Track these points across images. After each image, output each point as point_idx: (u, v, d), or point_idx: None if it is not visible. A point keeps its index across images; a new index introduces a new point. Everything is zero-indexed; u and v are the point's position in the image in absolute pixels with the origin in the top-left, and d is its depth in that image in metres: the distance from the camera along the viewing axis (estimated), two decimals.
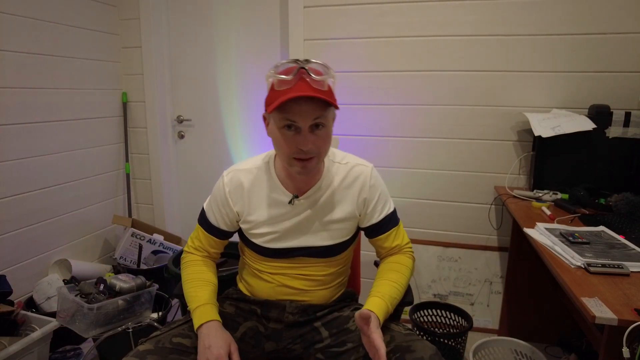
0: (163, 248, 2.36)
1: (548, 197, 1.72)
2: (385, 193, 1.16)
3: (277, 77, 0.96)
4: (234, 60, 2.39)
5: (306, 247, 1.11)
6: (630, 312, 0.87)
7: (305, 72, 0.95)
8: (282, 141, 0.98)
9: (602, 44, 1.80)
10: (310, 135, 0.96)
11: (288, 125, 0.96)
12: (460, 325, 1.97)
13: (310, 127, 0.96)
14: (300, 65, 0.96)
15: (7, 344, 1.50)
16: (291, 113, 0.94)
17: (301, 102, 0.93)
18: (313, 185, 1.10)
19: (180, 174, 2.64)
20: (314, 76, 0.94)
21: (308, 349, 1.11)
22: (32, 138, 1.95)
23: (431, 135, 2.07)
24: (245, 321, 1.13)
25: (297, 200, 1.09)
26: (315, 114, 0.94)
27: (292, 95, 0.91)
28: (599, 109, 1.73)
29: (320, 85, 0.95)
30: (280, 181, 1.10)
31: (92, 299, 1.60)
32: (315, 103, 0.94)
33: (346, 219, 1.12)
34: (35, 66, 1.94)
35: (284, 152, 1.00)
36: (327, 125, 0.98)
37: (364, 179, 1.12)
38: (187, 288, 1.10)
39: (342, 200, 1.11)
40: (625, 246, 1.21)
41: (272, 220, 1.10)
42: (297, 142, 0.96)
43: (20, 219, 1.92)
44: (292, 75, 0.94)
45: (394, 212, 1.17)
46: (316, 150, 0.98)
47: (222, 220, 1.14)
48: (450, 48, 1.97)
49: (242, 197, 1.12)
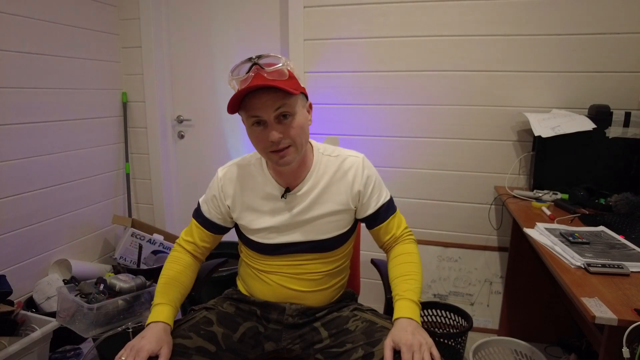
0: (163, 248, 2.36)
1: (548, 197, 1.72)
2: (379, 182, 1.15)
3: (235, 78, 0.99)
4: (234, 60, 2.37)
5: (302, 242, 1.11)
6: (630, 312, 0.88)
7: (258, 67, 0.97)
8: (254, 139, 1.01)
9: (602, 44, 1.80)
10: (278, 126, 0.97)
11: (256, 122, 0.98)
12: (460, 325, 1.97)
13: (277, 118, 0.97)
14: (253, 61, 0.98)
15: (7, 344, 1.50)
16: (253, 109, 0.96)
17: (260, 96, 0.95)
18: (303, 178, 1.11)
19: (180, 174, 2.64)
20: (268, 68, 0.96)
21: (307, 349, 1.11)
22: (32, 138, 1.95)
23: (431, 135, 2.07)
24: (245, 321, 1.13)
25: (289, 194, 1.10)
26: (276, 104, 0.96)
27: (245, 90, 0.93)
28: (599, 109, 1.73)
29: (277, 75, 0.96)
30: (272, 176, 1.12)
31: (92, 299, 1.60)
32: (275, 93, 0.95)
33: (340, 212, 1.12)
34: (35, 66, 1.94)
35: (259, 148, 1.02)
36: (293, 113, 0.99)
37: (355, 169, 1.12)
38: (158, 283, 1.10)
39: (336, 192, 1.11)
40: (625, 246, 1.21)
41: (265, 215, 1.11)
42: (267, 135, 0.98)
43: (20, 219, 1.92)
44: (247, 72, 0.97)
45: (391, 200, 1.17)
46: (288, 140, 0.99)
47: (215, 214, 1.16)
48: (450, 48, 1.97)
49: (235, 191, 1.13)
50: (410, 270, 1.09)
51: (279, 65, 0.97)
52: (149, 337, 0.95)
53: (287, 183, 1.11)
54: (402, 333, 0.93)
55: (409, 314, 0.98)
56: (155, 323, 0.99)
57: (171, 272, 1.12)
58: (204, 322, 1.07)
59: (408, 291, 1.03)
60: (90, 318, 1.53)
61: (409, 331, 0.93)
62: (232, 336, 1.07)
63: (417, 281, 1.06)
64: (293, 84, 0.99)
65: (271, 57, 0.99)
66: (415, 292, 1.04)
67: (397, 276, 1.09)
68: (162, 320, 1.00)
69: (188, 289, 1.14)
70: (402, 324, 0.96)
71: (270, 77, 0.96)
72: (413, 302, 1.01)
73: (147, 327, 0.99)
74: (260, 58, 0.98)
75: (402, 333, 0.93)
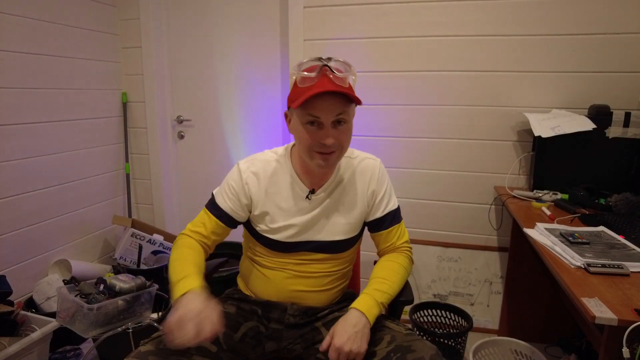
0: (163, 248, 2.36)
1: (548, 197, 1.72)
2: (391, 188, 1.19)
3: (300, 75, 0.99)
4: (234, 61, 2.39)
5: (314, 241, 1.12)
6: (630, 312, 0.87)
7: (327, 69, 0.98)
8: (305, 135, 1.00)
9: (602, 44, 1.80)
10: (333, 131, 0.99)
11: (311, 121, 0.99)
12: (460, 325, 1.97)
13: (333, 123, 0.99)
14: (323, 62, 0.99)
15: (7, 344, 1.50)
16: (314, 109, 0.97)
17: (324, 98, 0.96)
18: (327, 180, 1.13)
19: (180, 174, 2.64)
20: (337, 73, 0.97)
21: (308, 349, 1.11)
22: (32, 138, 1.95)
23: (431, 135, 2.07)
24: (246, 321, 1.13)
25: (313, 195, 1.11)
26: (338, 110, 0.98)
27: (315, 91, 0.94)
28: (599, 109, 1.73)
29: (342, 82, 0.98)
30: (297, 175, 1.12)
31: (92, 299, 1.60)
32: (338, 99, 0.97)
33: (357, 214, 1.14)
34: (35, 66, 1.94)
35: (306, 145, 1.01)
36: (348, 121, 1.02)
37: (372, 171, 1.15)
38: (171, 265, 1.02)
39: (354, 193, 1.14)
40: (625, 246, 1.21)
41: (287, 214, 1.12)
42: (320, 137, 0.99)
43: (20, 219, 1.92)
44: (316, 73, 0.98)
45: (398, 210, 1.19)
46: (338, 145, 1.01)
47: (230, 206, 1.12)
48: (450, 48, 1.97)
49: (259, 186, 1.12)
50: (389, 276, 1.09)
51: (346, 73, 0.99)
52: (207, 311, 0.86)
53: (311, 183, 1.12)
54: (342, 332, 0.96)
55: (365, 308, 1.00)
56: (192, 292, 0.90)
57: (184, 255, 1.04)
58: None
59: (377, 291, 1.05)
60: (90, 318, 1.53)
61: (348, 332, 0.95)
62: (233, 336, 1.07)
63: (391, 287, 1.07)
64: (354, 94, 1.00)
65: (340, 63, 1.01)
66: (383, 295, 1.04)
67: (375, 277, 1.10)
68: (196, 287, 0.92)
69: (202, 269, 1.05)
70: (350, 318, 0.98)
71: (337, 82, 0.97)
72: (376, 301, 1.02)
73: (182, 297, 0.89)
74: (330, 61, 1.00)
75: (342, 332, 0.96)
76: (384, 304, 1.04)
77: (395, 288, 1.08)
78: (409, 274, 1.15)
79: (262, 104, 2.39)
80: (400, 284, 1.10)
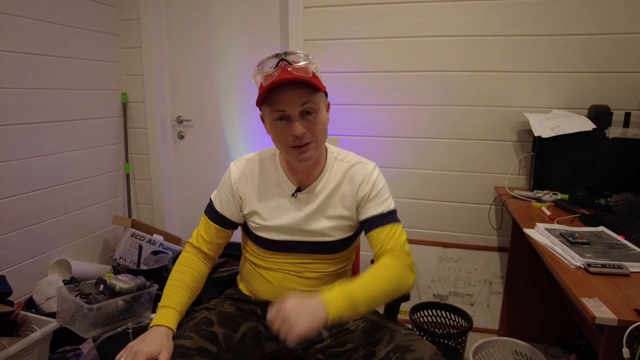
0: (163, 248, 2.36)
1: (548, 198, 1.72)
2: (384, 191, 1.13)
3: (260, 73, 1.00)
4: (234, 61, 2.39)
5: (306, 242, 1.12)
6: (630, 313, 0.88)
7: (286, 63, 0.98)
8: (277, 133, 1.01)
9: (602, 44, 1.80)
10: (302, 122, 0.99)
11: (280, 117, 0.99)
12: (460, 325, 1.97)
13: (301, 114, 0.99)
14: (280, 57, 0.99)
15: (7, 345, 1.50)
16: (278, 103, 0.98)
17: (286, 91, 0.96)
18: (315, 179, 1.11)
19: (180, 175, 2.64)
20: (294, 64, 0.98)
21: (308, 349, 1.11)
22: (32, 138, 1.95)
23: (431, 136, 2.07)
24: (245, 321, 1.13)
25: (299, 193, 1.11)
26: (301, 99, 0.97)
27: (274, 83, 0.95)
28: (598, 109, 1.73)
29: (303, 72, 0.98)
30: (285, 173, 1.12)
31: (92, 299, 1.60)
32: (300, 89, 0.97)
33: (345, 217, 1.12)
34: (35, 66, 1.94)
35: (281, 143, 1.03)
36: (317, 110, 1.01)
37: (364, 176, 1.12)
38: (167, 284, 1.10)
39: (343, 196, 1.12)
40: (625, 246, 1.21)
41: (274, 212, 1.12)
42: (290, 130, 0.99)
43: (20, 219, 1.92)
44: (274, 68, 0.98)
45: (393, 212, 1.12)
46: (311, 136, 1.00)
47: (227, 208, 1.16)
48: (450, 48, 1.97)
49: (247, 185, 1.14)
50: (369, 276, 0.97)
51: (305, 62, 0.99)
52: (150, 340, 0.95)
53: (299, 181, 1.12)
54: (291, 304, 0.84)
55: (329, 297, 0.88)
56: (158, 326, 0.99)
57: (181, 274, 1.12)
58: (204, 323, 1.07)
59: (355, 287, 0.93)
60: (90, 318, 1.53)
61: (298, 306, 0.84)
62: (232, 336, 1.07)
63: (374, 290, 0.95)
64: (319, 81, 1.01)
65: (298, 55, 1.01)
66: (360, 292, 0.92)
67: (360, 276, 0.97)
68: (165, 325, 1.00)
69: (196, 292, 1.13)
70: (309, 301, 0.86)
71: (297, 73, 0.97)
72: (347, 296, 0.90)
73: (149, 329, 0.99)
74: (287, 54, 1.00)
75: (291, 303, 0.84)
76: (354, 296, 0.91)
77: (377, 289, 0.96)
78: (402, 279, 1.01)
79: None
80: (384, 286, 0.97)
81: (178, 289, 1.09)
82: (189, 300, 1.10)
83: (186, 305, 1.09)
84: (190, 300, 1.11)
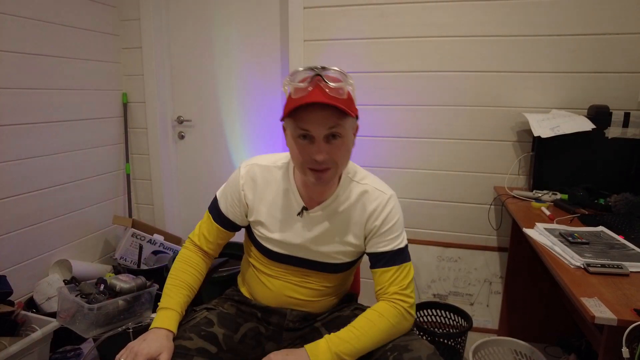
0: (163, 248, 2.36)
1: (547, 198, 1.72)
2: (397, 226, 1.06)
3: (292, 85, 0.93)
4: (234, 61, 2.39)
5: (310, 261, 1.10)
6: (630, 312, 0.88)
7: (320, 79, 0.91)
8: (296, 150, 0.95)
9: (602, 44, 1.80)
10: (325, 145, 0.93)
11: (303, 135, 0.93)
12: (460, 325, 1.97)
13: (326, 137, 0.92)
14: (316, 72, 0.92)
15: (8, 344, 1.50)
16: (305, 122, 0.91)
17: (315, 111, 0.90)
18: (327, 198, 1.06)
19: (180, 175, 2.64)
20: (330, 83, 0.91)
21: None
22: (32, 138, 1.95)
23: (431, 136, 2.07)
24: (245, 322, 1.13)
25: (306, 212, 1.07)
26: (330, 123, 0.91)
27: (304, 101, 0.88)
28: (598, 110, 1.73)
29: (337, 93, 0.91)
30: (296, 187, 1.07)
31: (92, 299, 1.60)
32: (330, 111, 0.90)
33: (354, 244, 1.09)
34: (36, 67, 1.94)
35: (298, 161, 0.97)
36: (343, 135, 0.94)
37: (376, 205, 1.05)
38: (167, 283, 1.10)
39: (352, 222, 1.07)
40: (624, 246, 1.21)
41: (280, 225, 1.09)
42: (311, 152, 0.93)
43: (21, 219, 1.92)
44: (307, 83, 0.91)
45: (403, 250, 1.05)
46: (331, 161, 0.94)
47: (231, 211, 1.12)
48: (450, 48, 1.97)
49: (255, 192, 1.09)
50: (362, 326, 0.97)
51: (342, 83, 0.92)
52: (150, 340, 0.95)
53: (310, 199, 1.07)
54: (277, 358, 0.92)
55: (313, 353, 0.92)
56: (158, 328, 0.99)
57: (181, 273, 1.11)
58: (204, 323, 1.07)
59: (338, 339, 0.94)
60: (90, 318, 1.53)
61: None
62: (233, 337, 1.07)
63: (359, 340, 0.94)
64: (351, 106, 0.94)
65: (335, 72, 0.94)
66: (343, 344, 0.94)
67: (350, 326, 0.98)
68: (166, 327, 1.00)
69: (195, 291, 1.13)
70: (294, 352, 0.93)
71: (331, 93, 0.90)
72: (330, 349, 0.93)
73: (150, 330, 0.99)
74: (324, 70, 0.93)
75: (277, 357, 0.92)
76: (341, 353, 0.92)
77: (365, 341, 0.95)
78: (395, 328, 0.98)
79: (262, 104, 2.40)
80: (375, 337, 0.96)
81: (178, 289, 1.08)
82: (189, 299, 1.10)
83: (186, 304, 1.09)
84: (190, 299, 1.11)
